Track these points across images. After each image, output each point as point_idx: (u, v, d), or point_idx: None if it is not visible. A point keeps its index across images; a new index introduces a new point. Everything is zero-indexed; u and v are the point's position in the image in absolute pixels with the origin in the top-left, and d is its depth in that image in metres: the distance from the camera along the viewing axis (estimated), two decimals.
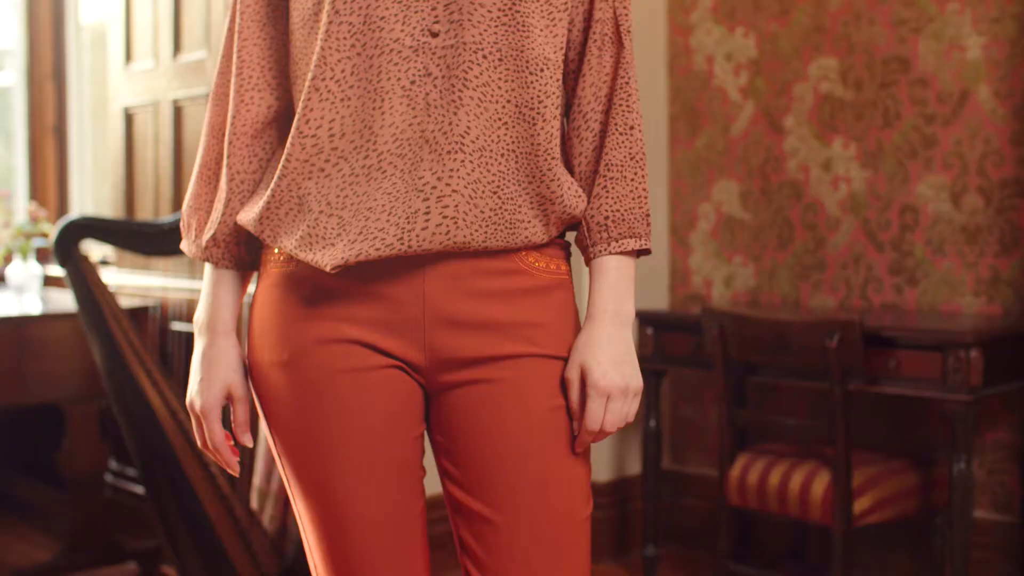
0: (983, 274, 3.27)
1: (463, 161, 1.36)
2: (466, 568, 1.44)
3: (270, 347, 1.42)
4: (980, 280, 3.28)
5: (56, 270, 3.57)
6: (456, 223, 1.35)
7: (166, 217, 3.33)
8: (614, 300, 1.42)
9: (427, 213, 1.35)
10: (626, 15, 1.46)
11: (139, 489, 3.60)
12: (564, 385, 1.42)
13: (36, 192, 4.74)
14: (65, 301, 3.75)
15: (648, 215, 1.45)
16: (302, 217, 1.38)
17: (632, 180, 1.44)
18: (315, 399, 1.39)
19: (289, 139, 1.38)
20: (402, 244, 1.35)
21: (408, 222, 1.35)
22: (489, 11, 1.35)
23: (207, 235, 1.46)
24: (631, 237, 1.43)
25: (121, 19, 4.00)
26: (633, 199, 1.44)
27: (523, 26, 1.37)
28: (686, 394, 4.02)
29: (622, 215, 1.43)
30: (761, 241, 3.79)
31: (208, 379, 1.45)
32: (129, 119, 3.99)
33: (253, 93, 1.45)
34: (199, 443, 1.47)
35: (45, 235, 3.96)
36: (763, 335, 3.02)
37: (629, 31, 1.47)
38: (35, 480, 4.24)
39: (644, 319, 3.50)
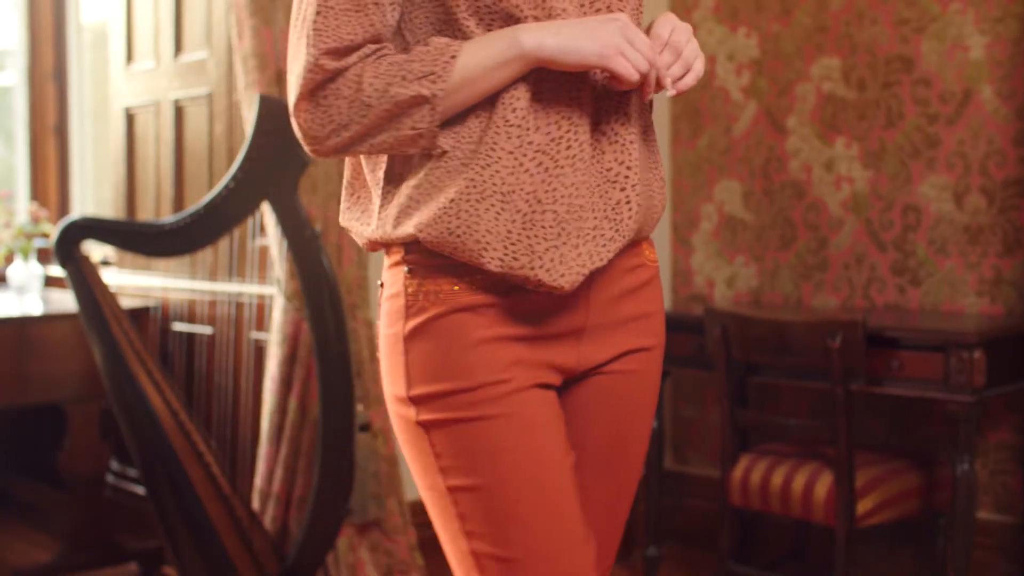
0: (986, 274, 3.27)
1: (638, 149, 1.40)
2: None
3: (447, 376, 1.35)
4: (983, 280, 3.27)
5: (57, 270, 3.57)
6: (639, 212, 1.40)
7: (167, 217, 3.32)
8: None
9: (628, 203, 1.38)
10: None
11: (140, 489, 3.60)
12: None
13: (37, 192, 4.74)
14: (66, 302, 3.74)
15: None
16: (507, 216, 1.32)
17: None
18: (505, 421, 1.35)
19: (491, 129, 1.32)
20: (620, 236, 1.38)
21: (615, 212, 1.37)
22: None
23: (441, 85, 1.30)
24: None
25: (122, 19, 3.99)
26: None
27: (641, 13, 1.44)
28: (688, 394, 4.02)
29: None
30: (763, 241, 3.78)
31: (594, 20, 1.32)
32: (130, 119, 3.99)
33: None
34: (635, 71, 1.30)
35: (46, 235, 3.96)
36: (765, 335, 3.01)
37: None
38: (36, 480, 4.24)
39: None
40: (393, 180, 1.38)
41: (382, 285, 1.43)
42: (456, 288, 1.36)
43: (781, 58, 3.71)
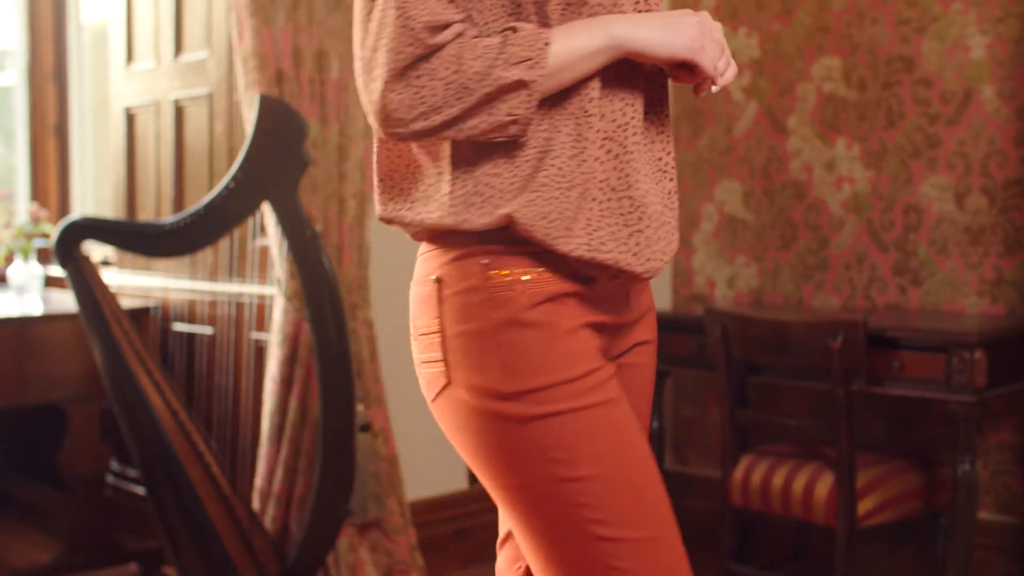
0: (987, 275, 3.26)
1: (672, 141, 1.43)
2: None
3: (551, 368, 1.32)
4: (984, 281, 3.27)
5: (57, 271, 3.57)
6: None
7: (167, 218, 3.32)
8: None
9: (675, 193, 1.41)
10: None
11: (140, 490, 3.60)
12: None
13: (37, 192, 4.74)
14: (66, 302, 3.74)
15: None
16: (586, 204, 1.32)
17: None
18: (613, 407, 1.34)
19: (571, 118, 1.32)
20: (677, 226, 1.40)
21: (670, 201, 1.40)
22: None
23: (540, 70, 1.28)
24: None
25: (122, 19, 3.99)
26: None
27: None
28: (688, 395, 4.01)
29: None
30: (764, 241, 3.78)
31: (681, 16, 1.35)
32: (130, 119, 3.98)
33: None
34: (713, 67, 1.35)
35: (46, 235, 3.95)
36: (766, 335, 3.01)
37: None
38: (36, 480, 4.24)
39: None
40: (461, 166, 1.33)
41: (438, 281, 1.35)
42: (543, 277, 1.33)
43: (782, 58, 3.70)
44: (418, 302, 1.39)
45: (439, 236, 1.37)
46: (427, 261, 1.38)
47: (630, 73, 1.36)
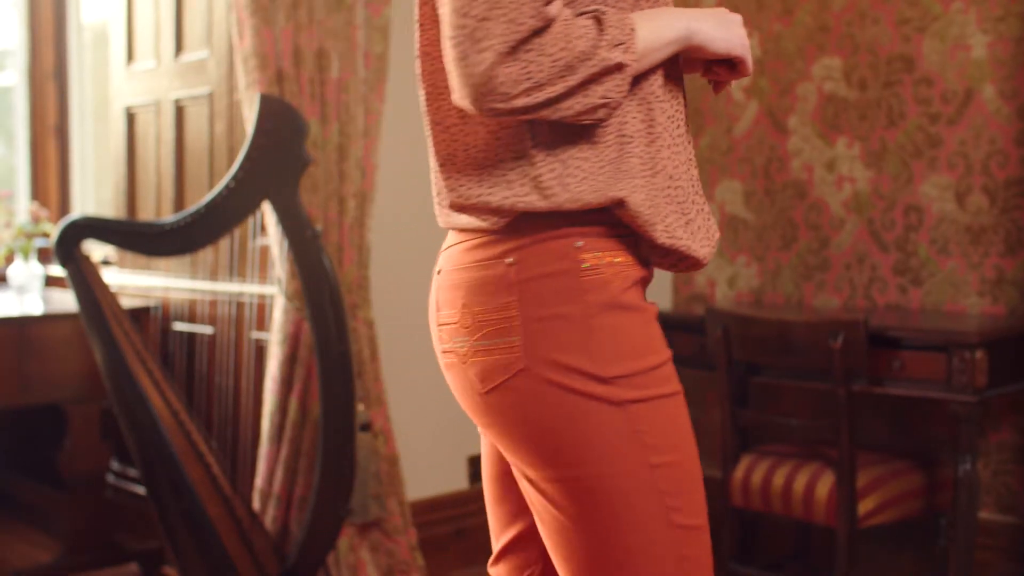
0: (988, 274, 3.26)
1: (691, 131, 1.48)
2: None
3: (644, 352, 1.32)
4: (985, 280, 3.26)
5: (57, 270, 3.57)
6: None
7: (168, 217, 3.32)
8: None
9: (699, 181, 1.43)
10: None
11: (140, 490, 3.60)
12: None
13: (37, 192, 4.74)
14: (66, 301, 3.74)
15: None
16: (656, 191, 1.32)
17: None
18: (681, 396, 1.37)
19: (641, 103, 1.32)
20: (708, 209, 1.42)
21: (699, 187, 1.42)
22: None
23: (630, 54, 1.26)
24: None
25: (123, 19, 3.99)
26: None
27: None
28: (689, 395, 4.00)
29: None
30: (765, 241, 3.77)
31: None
32: (131, 119, 3.98)
33: None
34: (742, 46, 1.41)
35: (46, 235, 3.95)
36: (767, 335, 3.01)
37: None
38: (36, 480, 4.23)
39: None
40: (544, 149, 1.29)
41: (516, 263, 1.30)
42: (627, 261, 1.32)
43: (782, 58, 3.70)
44: (477, 286, 1.32)
45: (514, 219, 1.31)
46: (489, 245, 1.32)
47: (676, 67, 1.38)
